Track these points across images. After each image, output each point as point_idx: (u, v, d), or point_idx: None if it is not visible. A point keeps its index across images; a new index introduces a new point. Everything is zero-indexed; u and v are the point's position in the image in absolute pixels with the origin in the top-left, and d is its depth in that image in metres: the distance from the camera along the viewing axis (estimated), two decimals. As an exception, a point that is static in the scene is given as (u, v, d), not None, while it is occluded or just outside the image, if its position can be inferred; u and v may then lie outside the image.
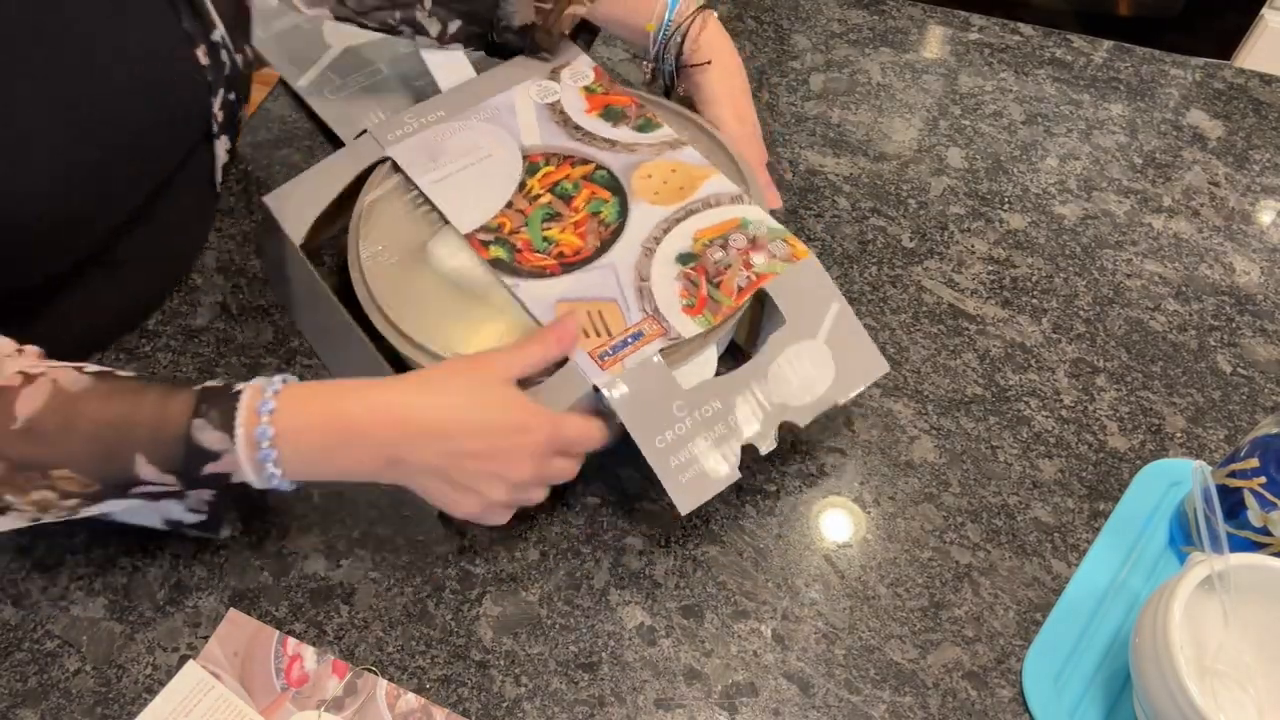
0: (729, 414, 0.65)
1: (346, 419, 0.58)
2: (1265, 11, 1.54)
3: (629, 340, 0.65)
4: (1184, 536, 0.70)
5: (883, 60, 1.04)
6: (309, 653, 0.64)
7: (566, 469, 0.64)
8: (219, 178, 0.79)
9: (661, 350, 0.65)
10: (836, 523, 0.72)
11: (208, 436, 0.56)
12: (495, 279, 0.70)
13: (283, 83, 0.98)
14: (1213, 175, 0.95)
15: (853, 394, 0.69)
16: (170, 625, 0.65)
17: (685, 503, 0.63)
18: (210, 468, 0.56)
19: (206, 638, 0.64)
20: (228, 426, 0.56)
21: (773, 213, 0.74)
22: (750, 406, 0.66)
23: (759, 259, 0.69)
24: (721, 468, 0.64)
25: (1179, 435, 0.77)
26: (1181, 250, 0.89)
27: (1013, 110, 0.99)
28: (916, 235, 0.89)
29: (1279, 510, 0.62)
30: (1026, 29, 1.07)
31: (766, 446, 0.65)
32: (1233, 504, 0.64)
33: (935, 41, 1.06)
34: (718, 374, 0.68)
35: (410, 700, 0.63)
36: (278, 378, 0.59)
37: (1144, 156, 0.96)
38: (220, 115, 0.74)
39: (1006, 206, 0.91)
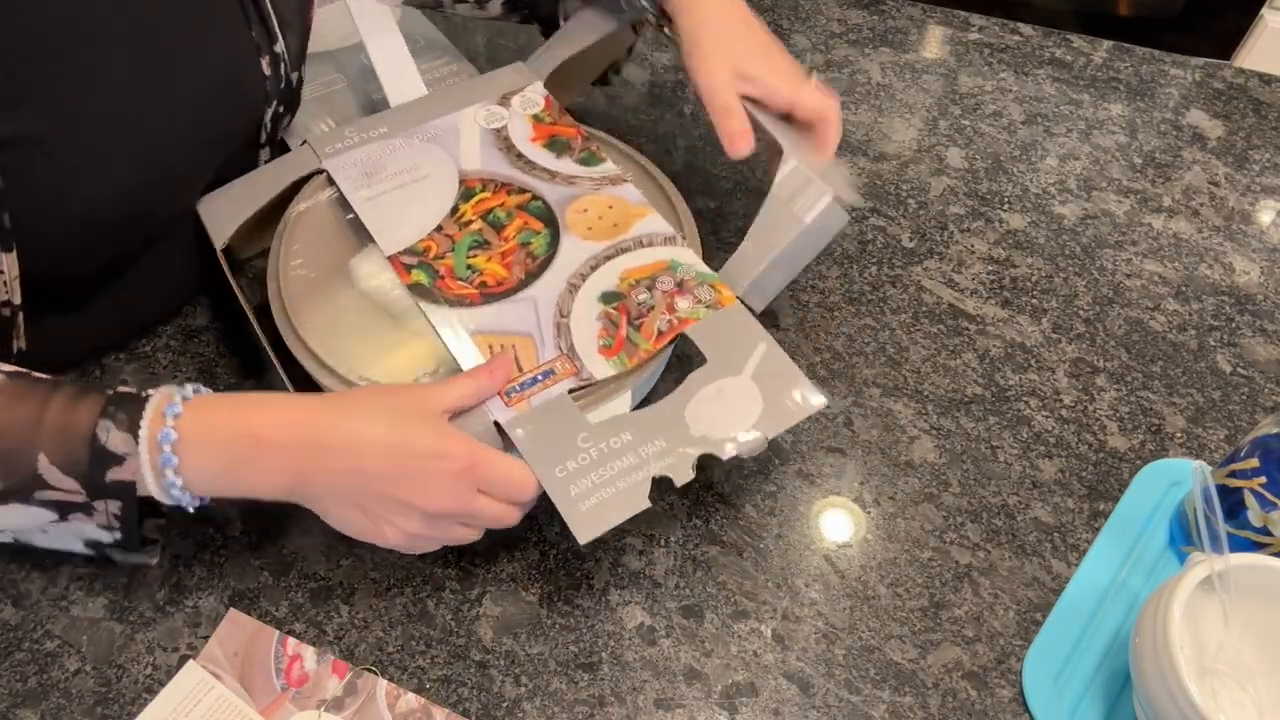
0: (640, 446, 0.62)
1: (251, 431, 0.57)
2: (1265, 11, 1.54)
3: (539, 378, 0.64)
4: (1184, 536, 0.70)
5: (882, 60, 1.04)
6: (309, 653, 0.64)
7: (493, 511, 0.59)
8: None
9: (571, 391, 0.64)
10: (836, 523, 0.72)
11: (113, 438, 0.55)
12: (414, 303, 0.68)
13: None
14: (1212, 175, 0.95)
15: (783, 428, 0.65)
16: (170, 625, 0.65)
17: (584, 532, 0.59)
18: (114, 473, 0.55)
19: (206, 638, 0.64)
20: (133, 428, 0.55)
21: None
22: (665, 440, 0.63)
23: (683, 303, 0.68)
24: (627, 497, 0.61)
25: (1179, 435, 0.77)
26: (1181, 250, 0.89)
27: (1012, 110, 0.99)
28: (916, 235, 0.89)
29: (1279, 510, 0.62)
30: (1026, 29, 1.07)
31: (682, 479, 0.62)
32: (1233, 504, 0.64)
33: (935, 41, 1.06)
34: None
35: (410, 700, 0.63)
36: (189, 386, 0.58)
37: (1144, 156, 0.96)
38: (269, 126, 0.76)
39: (1006, 206, 0.91)
